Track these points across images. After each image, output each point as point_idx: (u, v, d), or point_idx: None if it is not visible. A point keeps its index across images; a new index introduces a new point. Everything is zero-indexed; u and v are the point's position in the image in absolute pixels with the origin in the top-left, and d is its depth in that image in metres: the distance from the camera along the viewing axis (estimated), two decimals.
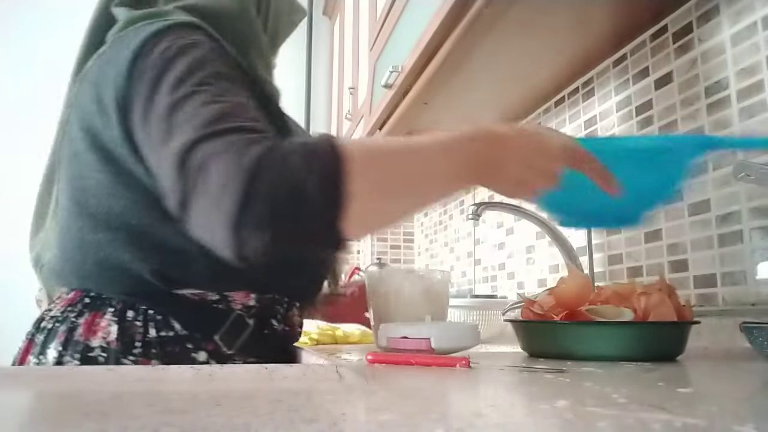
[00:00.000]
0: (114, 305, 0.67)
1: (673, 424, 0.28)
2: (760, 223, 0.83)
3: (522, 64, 1.23)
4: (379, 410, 0.35)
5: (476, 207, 1.16)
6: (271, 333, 0.73)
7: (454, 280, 2.06)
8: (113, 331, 0.65)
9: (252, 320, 0.70)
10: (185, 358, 0.65)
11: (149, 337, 0.65)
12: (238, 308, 0.70)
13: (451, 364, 0.58)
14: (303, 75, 2.98)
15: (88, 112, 0.68)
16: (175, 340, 0.65)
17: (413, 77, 1.22)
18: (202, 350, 0.66)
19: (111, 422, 0.31)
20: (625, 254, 1.12)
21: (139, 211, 0.66)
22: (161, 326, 0.66)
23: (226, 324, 0.68)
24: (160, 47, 0.62)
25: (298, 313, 0.79)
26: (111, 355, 0.64)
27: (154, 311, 0.66)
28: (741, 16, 0.88)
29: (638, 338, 0.66)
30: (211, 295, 0.68)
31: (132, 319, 0.66)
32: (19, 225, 2.76)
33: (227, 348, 0.68)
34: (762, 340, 0.60)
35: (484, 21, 0.94)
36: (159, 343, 0.65)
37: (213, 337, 0.67)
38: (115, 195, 0.67)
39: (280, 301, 0.75)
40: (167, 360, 0.64)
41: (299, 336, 0.82)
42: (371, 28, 1.86)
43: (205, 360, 0.66)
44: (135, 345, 0.64)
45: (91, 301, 0.68)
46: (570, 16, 1.04)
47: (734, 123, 0.88)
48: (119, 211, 0.67)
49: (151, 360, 0.64)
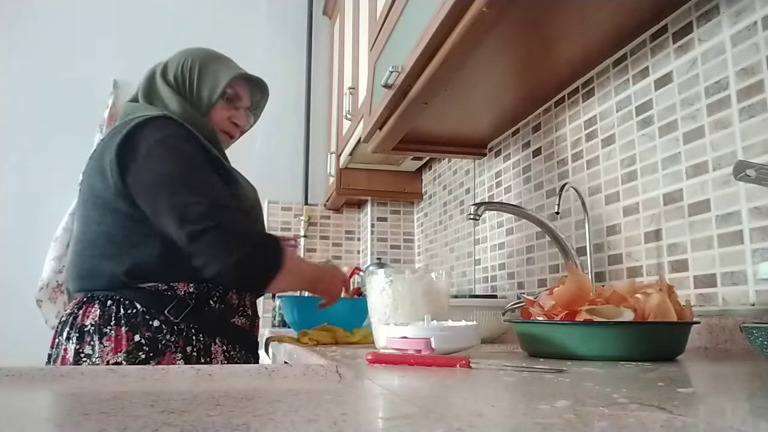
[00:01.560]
0: (100, 298, 1.02)
1: (673, 424, 0.28)
2: (760, 223, 0.83)
3: (522, 64, 1.23)
4: (379, 410, 0.35)
5: (476, 207, 1.16)
6: (209, 309, 1.07)
7: (454, 280, 2.06)
8: (97, 314, 1.00)
9: (193, 301, 1.04)
10: (145, 324, 1.00)
11: (120, 314, 1.00)
12: (181, 293, 1.04)
13: (451, 364, 0.58)
14: (303, 75, 2.98)
15: (91, 176, 1.07)
16: (137, 315, 1.00)
17: (413, 77, 1.21)
18: (156, 319, 1.01)
19: (111, 422, 0.31)
20: (625, 254, 1.12)
21: (115, 232, 1.04)
22: (128, 307, 1.01)
23: (173, 303, 1.02)
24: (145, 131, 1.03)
25: (236, 297, 1.11)
26: (96, 327, 0.99)
27: (123, 298, 1.01)
28: (741, 16, 0.88)
29: (638, 338, 0.66)
30: (161, 286, 1.03)
31: (110, 305, 1.01)
32: (18, 229, 2.75)
33: (174, 318, 1.01)
34: (762, 340, 0.60)
35: (484, 21, 0.93)
36: (126, 316, 1.00)
37: (164, 312, 1.01)
38: (101, 223, 1.05)
39: (214, 288, 1.08)
40: (131, 326, 0.99)
41: (241, 311, 1.12)
42: (371, 28, 1.86)
43: (158, 325, 1.00)
44: (111, 319, 1.00)
45: (87, 299, 1.04)
46: (570, 16, 1.04)
47: (734, 123, 0.88)
48: (103, 234, 1.04)
49: (122, 327, 0.99)
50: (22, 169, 2.63)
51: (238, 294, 1.11)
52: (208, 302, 1.06)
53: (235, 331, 1.10)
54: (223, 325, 1.08)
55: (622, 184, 1.14)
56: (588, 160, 1.26)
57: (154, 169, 1.01)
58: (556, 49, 1.17)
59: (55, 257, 2.29)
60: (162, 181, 1.00)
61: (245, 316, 1.13)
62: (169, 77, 1.18)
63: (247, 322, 1.14)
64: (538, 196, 1.48)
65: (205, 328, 1.04)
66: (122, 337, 0.98)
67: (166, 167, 1.01)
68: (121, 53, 2.72)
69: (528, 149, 1.54)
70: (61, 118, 2.67)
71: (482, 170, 1.85)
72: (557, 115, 1.40)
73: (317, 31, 3.03)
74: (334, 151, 2.55)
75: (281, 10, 3.02)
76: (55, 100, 2.69)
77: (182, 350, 1.01)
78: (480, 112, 1.53)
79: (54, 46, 2.74)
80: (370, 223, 2.67)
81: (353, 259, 2.84)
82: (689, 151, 0.97)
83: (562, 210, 1.35)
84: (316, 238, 2.82)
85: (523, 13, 1.00)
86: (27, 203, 2.60)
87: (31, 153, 2.65)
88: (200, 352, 1.03)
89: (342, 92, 2.42)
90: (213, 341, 1.05)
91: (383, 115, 1.43)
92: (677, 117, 1.00)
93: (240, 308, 1.12)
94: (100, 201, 1.05)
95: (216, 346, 1.05)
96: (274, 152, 2.87)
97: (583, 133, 1.28)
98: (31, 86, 2.69)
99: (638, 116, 1.10)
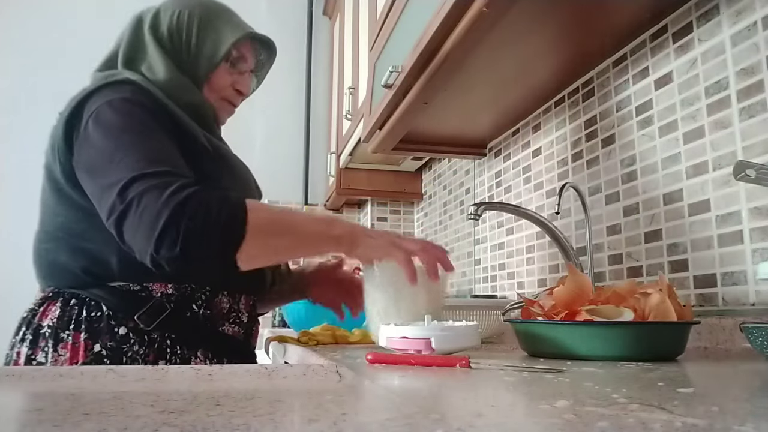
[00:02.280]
0: (63, 296, 0.87)
1: (673, 424, 0.28)
2: (760, 223, 0.83)
3: (522, 64, 1.23)
4: (379, 410, 0.35)
5: (476, 207, 1.16)
6: (192, 315, 0.90)
7: (455, 280, 2.07)
8: (56, 314, 0.86)
9: (171, 305, 0.88)
10: (109, 332, 0.84)
11: (81, 317, 0.85)
12: (156, 295, 0.88)
13: (451, 364, 0.58)
14: (303, 75, 2.98)
15: (47, 156, 0.91)
16: (101, 319, 0.85)
17: (413, 77, 1.21)
18: (123, 326, 0.85)
19: (111, 422, 0.31)
20: (625, 254, 1.12)
21: (73, 225, 0.89)
22: (92, 309, 0.85)
23: (146, 307, 0.86)
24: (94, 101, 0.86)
25: (227, 300, 0.95)
26: (53, 331, 0.85)
27: (90, 298, 0.86)
28: (741, 16, 0.88)
29: (638, 338, 0.66)
30: (133, 286, 0.87)
31: (72, 305, 0.86)
32: (18, 229, 2.75)
33: (146, 325, 0.85)
34: (762, 340, 0.60)
35: (484, 21, 0.93)
36: (88, 321, 0.85)
37: (133, 317, 0.85)
38: (58, 214, 0.90)
39: (199, 290, 0.91)
40: (92, 333, 0.84)
41: (233, 318, 0.96)
42: (371, 28, 1.86)
43: (125, 333, 0.84)
44: (70, 323, 0.85)
45: (52, 295, 0.89)
46: (570, 16, 1.04)
47: (734, 123, 0.88)
48: (59, 225, 0.90)
49: (81, 333, 0.84)
50: (22, 169, 2.63)
51: (230, 296, 0.95)
52: (191, 307, 0.89)
53: (223, 342, 0.93)
54: (208, 334, 0.91)
55: (622, 184, 1.14)
56: (588, 160, 1.26)
57: (90, 145, 0.83)
58: (556, 49, 1.17)
59: None
60: (95, 160, 0.82)
61: (237, 323, 0.96)
62: (162, 30, 0.98)
63: (240, 330, 0.96)
64: (538, 196, 1.48)
65: (185, 338, 0.87)
66: (80, 346, 0.83)
67: (101, 142, 0.82)
68: None
69: (528, 149, 1.54)
70: None
71: (482, 170, 1.85)
72: (557, 115, 1.40)
73: (317, 31, 3.03)
74: (334, 151, 2.55)
75: (281, 10, 3.02)
76: (55, 100, 2.69)
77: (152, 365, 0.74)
78: (480, 112, 1.53)
79: (54, 45, 2.74)
80: (370, 223, 2.67)
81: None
82: (689, 151, 0.97)
83: (562, 210, 1.35)
84: None
85: (523, 12, 1.00)
86: (27, 203, 2.60)
87: (31, 153, 2.64)
88: None
89: (342, 92, 2.41)
90: (194, 354, 0.88)
91: (383, 115, 1.43)
92: (677, 117, 1.00)
93: (232, 314, 0.95)
94: (56, 186, 0.90)
95: (197, 360, 0.89)
96: (274, 152, 2.87)
97: (583, 133, 1.28)
98: (31, 86, 2.69)
99: (638, 116, 1.10)
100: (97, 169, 0.81)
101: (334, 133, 2.62)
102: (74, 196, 0.87)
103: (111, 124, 0.83)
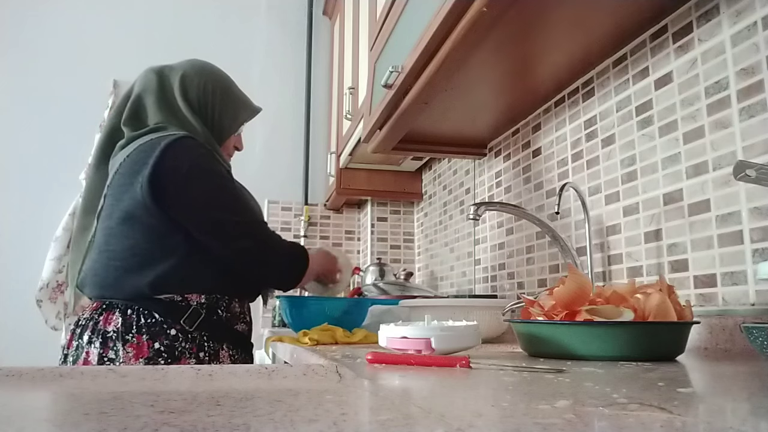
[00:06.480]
0: (120, 307, 1.09)
1: (673, 424, 0.28)
2: (760, 223, 0.83)
3: (522, 64, 1.23)
4: (379, 410, 0.35)
5: (476, 207, 1.16)
6: (218, 318, 1.16)
7: (455, 280, 2.07)
8: (119, 321, 1.08)
9: (204, 311, 1.13)
10: (164, 333, 1.08)
11: (141, 323, 1.08)
12: (194, 304, 1.12)
13: (451, 364, 0.58)
14: (303, 75, 2.98)
15: (119, 191, 1.12)
16: (156, 324, 1.08)
17: (413, 77, 1.21)
18: (173, 328, 1.09)
19: (111, 422, 0.31)
20: (625, 254, 1.12)
21: (142, 248, 1.11)
22: (148, 316, 1.09)
23: (187, 313, 1.11)
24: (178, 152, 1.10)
25: (238, 305, 1.21)
26: (119, 334, 1.07)
27: (143, 308, 1.09)
28: (741, 16, 0.88)
29: (638, 338, 0.66)
30: (177, 297, 1.12)
31: (130, 314, 1.09)
32: (18, 229, 2.74)
33: (189, 327, 1.10)
34: (762, 340, 0.60)
35: (484, 21, 0.93)
36: (147, 325, 1.08)
37: (179, 321, 1.10)
38: (128, 237, 1.11)
39: (221, 299, 1.17)
40: (152, 334, 1.07)
41: (242, 318, 1.22)
42: (371, 28, 1.86)
43: (175, 333, 1.08)
44: (132, 327, 1.07)
45: (106, 306, 1.11)
46: (570, 16, 1.04)
47: (734, 123, 0.88)
48: (129, 248, 1.11)
49: (143, 335, 1.07)
50: (22, 169, 2.63)
51: (239, 302, 1.21)
52: (217, 311, 1.15)
53: (239, 337, 1.19)
54: (229, 331, 1.17)
55: (622, 184, 1.14)
56: (588, 160, 1.26)
57: (195, 189, 1.10)
58: (557, 49, 1.17)
59: (55, 257, 2.29)
60: (203, 200, 1.11)
61: (245, 322, 1.23)
62: (191, 97, 1.22)
63: (246, 327, 1.24)
64: (538, 196, 1.48)
65: (215, 335, 1.13)
66: (143, 344, 1.06)
67: (206, 187, 1.11)
68: (121, 53, 2.72)
69: (528, 149, 1.54)
70: (61, 118, 2.67)
71: (482, 170, 1.85)
72: (557, 115, 1.40)
73: (317, 31, 3.03)
74: (334, 151, 2.55)
75: (281, 10, 3.02)
76: (55, 100, 2.69)
77: (195, 356, 1.10)
78: (480, 112, 1.53)
79: (54, 46, 2.74)
80: (370, 223, 2.67)
81: (353, 259, 2.84)
82: (689, 151, 0.97)
83: (562, 210, 1.35)
84: (316, 238, 2.82)
85: (523, 13, 1.00)
86: (27, 203, 2.60)
87: (31, 153, 2.65)
88: (211, 357, 1.12)
89: (342, 92, 2.41)
90: (221, 347, 1.14)
91: (383, 115, 1.43)
92: (677, 117, 1.00)
93: (241, 315, 1.22)
94: (127, 216, 1.10)
95: (223, 351, 1.14)
96: (274, 152, 2.87)
97: (583, 133, 1.28)
98: (31, 86, 2.69)
99: (638, 116, 1.10)
100: (211, 205, 1.11)
101: (334, 133, 2.62)
102: (149, 222, 1.10)
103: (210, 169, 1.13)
